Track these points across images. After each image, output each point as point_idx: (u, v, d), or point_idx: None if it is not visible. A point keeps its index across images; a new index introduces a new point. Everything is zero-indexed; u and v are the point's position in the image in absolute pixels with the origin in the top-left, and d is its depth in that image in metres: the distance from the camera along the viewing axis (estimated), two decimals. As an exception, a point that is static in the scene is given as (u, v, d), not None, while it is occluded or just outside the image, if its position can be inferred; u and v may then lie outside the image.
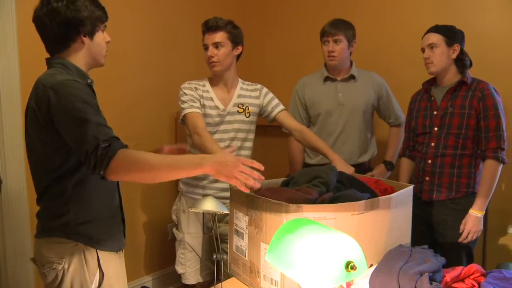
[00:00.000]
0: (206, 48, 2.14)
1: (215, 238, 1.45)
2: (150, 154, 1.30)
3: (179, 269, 2.30)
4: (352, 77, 2.43)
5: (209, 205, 1.34)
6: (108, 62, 2.46)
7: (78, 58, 1.44)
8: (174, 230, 2.31)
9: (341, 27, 2.33)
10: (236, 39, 2.14)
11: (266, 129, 2.56)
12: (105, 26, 1.49)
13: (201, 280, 2.30)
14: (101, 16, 1.45)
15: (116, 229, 1.51)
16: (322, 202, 1.47)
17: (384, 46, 2.79)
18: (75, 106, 1.27)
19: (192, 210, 1.45)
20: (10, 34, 2.20)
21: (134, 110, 2.76)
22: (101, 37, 1.46)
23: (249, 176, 1.30)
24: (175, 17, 2.98)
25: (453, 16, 2.49)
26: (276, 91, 2.34)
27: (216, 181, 2.21)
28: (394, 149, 2.54)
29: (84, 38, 1.42)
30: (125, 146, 1.27)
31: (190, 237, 2.25)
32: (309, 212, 1.36)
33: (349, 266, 0.90)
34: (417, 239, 2.17)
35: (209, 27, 2.11)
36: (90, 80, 1.45)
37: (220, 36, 2.10)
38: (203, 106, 2.14)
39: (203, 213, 1.83)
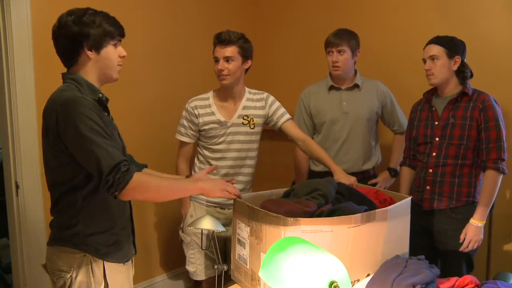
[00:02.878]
0: (216, 60, 2.18)
1: (215, 251, 1.52)
2: (160, 178, 1.47)
3: (190, 268, 2.38)
4: (356, 86, 2.47)
5: (207, 223, 1.41)
6: (123, 71, 2.58)
7: (88, 72, 1.47)
8: (181, 233, 2.39)
9: (345, 37, 2.37)
10: (246, 54, 2.19)
11: (275, 132, 2.61)
12: (119, 41, 1.50)
13: (211, 275, 2.37)
14: (112, 31, 1.46)
15: (125, 240, 1.57)
16: (320, 214, 1.53)
17: (390, 54, 2.82)
18: (82, 125, 1.32)
19: (190, 228, 1.54)
20: (26, 46, 2.28)
21: (142, 120, 2.81)
22: (110, 51, 1.47)
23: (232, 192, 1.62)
24: (185, 26, 3.02)
25: (459, 24, 2.51)
26: (282, 98, 2.40)
27: None
28: (398, 156, 2.56)
29: (89, 52, 1.44)
30: (140, 170, 1.39)
31: (198, 238, 2.32)
32: (306, 225, 1.42)
33: (333, 285, 0.96)
34: (417, 247, 2.22)
35: (221, 40, 2.15)
36: (101, 95, 1.48)
37: (231, 51, 2.14)
38: (204, 123, 2.23)
39: (202, 230, 1.92)
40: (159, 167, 2.65)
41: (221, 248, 2.34)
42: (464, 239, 2.04)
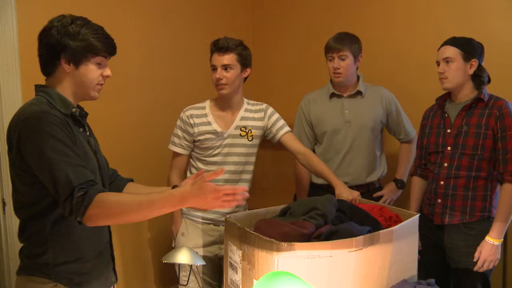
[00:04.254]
0: (214, 69, 2.09)
1: (199, 285, 1.37)
2: (129, 196, 1.27)
3: None
4: (359, 93, 2.34)
5: (183, 257, 1.28)
6: (115, 79, 2.48)
7: (64, 86, 1.36)
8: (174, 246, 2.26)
9: (346, 42, 2.23)
10: (245, 62, 2.09)
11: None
12: (105, 58, 1.38)
13: None
14: (96, 47, 1.34)
15: (102, 267, 1.45)
16: (319, 236, 1.40)
17: (394, 58, 2.67)
18: (43, 143, 1.21)
19: (164, 262, 1.39)
20: (12, 55, 2.18)
21: (140, 127, 2.72)
22: (90, 68, 1.35)
23: (232, 200, 1.25)
24: (183, 33, 2.93)
25: (470, 25, 2.35)
26: (281, 107, 2.27)
27: None
28: (404, 167, 2.43)
29: (67, 65, 1.33)
30: (103, 190, 1.22)
31: None
32: (302, 250, 1.29)
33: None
34: (428, 264, 2.08)
35: (219, 47, 2.05)
36: (75, 109, 1.36)
37: (229, 58, 2.05)
38: (199, 133, 2.12)
39: (179, 264, 1.74)
40: (154, 179, 2.57)
41: (216, 268, 2.22)
42: (479, 258, 1.88)
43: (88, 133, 1.45)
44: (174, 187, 1.55)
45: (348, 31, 2.31)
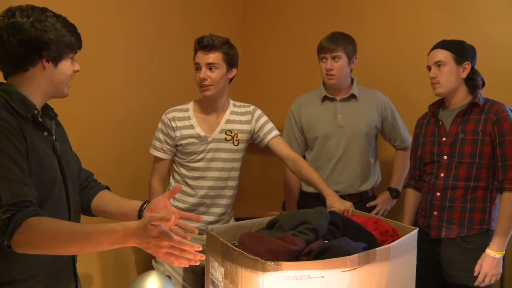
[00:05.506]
0: (198, 68, 1.97)
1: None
2: (63, 224, 1.14)
3: None
4: (353, 96, 2.22)
5: (153, 285, 1.13)
6: (98, 78, 2.33)
7: (34, 85, 1.25)
8: (153, 262, 2.12)
9: (340, 42, 2.12)
10: (231, 61, 1.98)
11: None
12: (75, 53, 1.33)
13: None
14: (72, 43, 1.29)
15: (61, 286, 1.31)
16: (309, 253, 1.27)
17: (390, 61, 2.56)
18: None
19: None
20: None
21: (118, 131, 2.56)
22: (67, 65, 1.30)
23: (179, 257, 1.09)
24: (169, 32, 2.79)
25: (466, 29, 2.26)
26: (272, 111, 2.15)
27: (203, 213, 2.04)
28: (400, 175, 2.32)
29: (47, 63, 1.25)
30: (37, 213, 1.09)
31: (172, 269, 2.06)
32: (290, 270, 1.16)
33: None
34: (424, 280, 1.95)
35: (204, 45, 1.94)
36: (37, 111, 1.25)
37: (215, 57, 1.93)
38: (181, 137, 2.00)
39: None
40: (136, 183, 2.43)
41: (199, 279, 2.08)
42: (480, 272, 1.78)
43: (54, 137, 1.32)
44: (145, 203, 1.42)
45: (343, 32, 2.19)
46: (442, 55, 1.87)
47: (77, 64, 1.34)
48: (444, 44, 1.90)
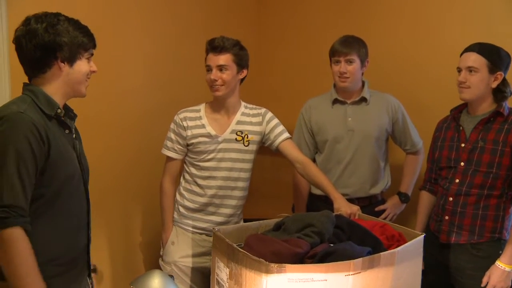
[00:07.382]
0: (209, 69, 2.00)
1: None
2: (29, 253, 1.21)
3: None
4: (363, 99, 2.21)
5: (155, 283, 1.15)
6: (114, 80, 2.37)
7: (54, 86, 1.37)
8: (160, 261, 2.14)
9: (354, 45, 2.11)
10: (242, 62, 2.00)
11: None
12: (91, 54, 1.43)
13: None
14: (85, 43, 1.39)
15: (75, 273, 1.39)
16: (313, 256, 1.28)
17: (401, 64, 2.52)
18: (3, 148, 1.21)
19: (132, 287, 1.27)
20: (1, 55, 2.09)
21: (137, 129, 2.60)
22: (83, 65, 1.40)
23: None
24: (186, 35, 2.80)
25: (483, 32, 2.20)
26: (283, 113, 2.15)
27: (212, 213, 2.06)
28: (410, 180, 2.29)
29: (62, 64, 1.35)
30: (25, 224, 1.20)
31: (179, 269, 2.08)
32: (294, 272, 1.17)
33: None
34: (432, 285, 1.94)
35: (215, 47, 1.97)
36: (60, 110, 1.36)
37: (225, 59, 1.96)
38: (192, 136, 2.02)
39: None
40: (149, 183, 2.46)
41: (207, 280, 2.10)
42: (487, 283, 1.74)
43: (74, 135, 1.43)
44: None
45: (354, 35, 2.19)
46: (476, 60, 1.79)
47: (93, 65, 1.43)
48: (480, 49, 1.80)
